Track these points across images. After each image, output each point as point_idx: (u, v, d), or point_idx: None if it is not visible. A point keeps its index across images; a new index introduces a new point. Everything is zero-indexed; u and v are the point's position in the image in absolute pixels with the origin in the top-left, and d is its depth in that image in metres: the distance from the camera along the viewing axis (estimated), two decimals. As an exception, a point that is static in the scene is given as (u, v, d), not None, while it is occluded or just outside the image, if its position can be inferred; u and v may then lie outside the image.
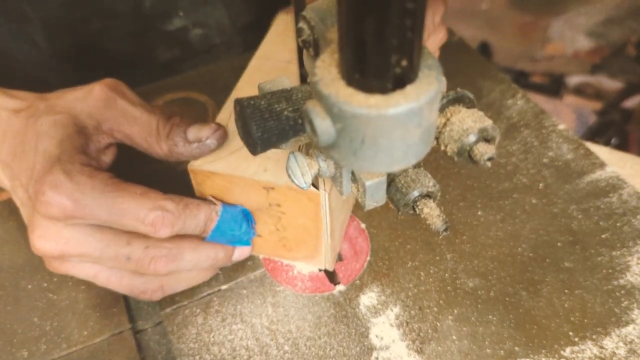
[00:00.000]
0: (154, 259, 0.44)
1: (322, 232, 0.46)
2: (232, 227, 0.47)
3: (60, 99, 0.47)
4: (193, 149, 0.46)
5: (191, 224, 0.44)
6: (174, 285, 0.47)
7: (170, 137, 0.46)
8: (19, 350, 0.47)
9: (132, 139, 0.47)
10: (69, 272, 0.45)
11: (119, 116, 0.46)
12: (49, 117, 0.45)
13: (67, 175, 0.41)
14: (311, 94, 0.33)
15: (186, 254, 0.45)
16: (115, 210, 0.41)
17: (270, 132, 0.31)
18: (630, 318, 0.46)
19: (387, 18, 0.23)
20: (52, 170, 0.41)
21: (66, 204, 0.40)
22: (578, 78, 1.53)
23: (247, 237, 0.48)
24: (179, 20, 0.74)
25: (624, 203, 0.55)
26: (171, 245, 0.44)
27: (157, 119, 0.46)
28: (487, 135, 0.30)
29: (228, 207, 0.47)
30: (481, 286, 0.49)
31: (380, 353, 0.46)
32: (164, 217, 0.42)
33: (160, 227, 0.42)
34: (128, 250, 0.43)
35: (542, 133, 0.62)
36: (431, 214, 0.33)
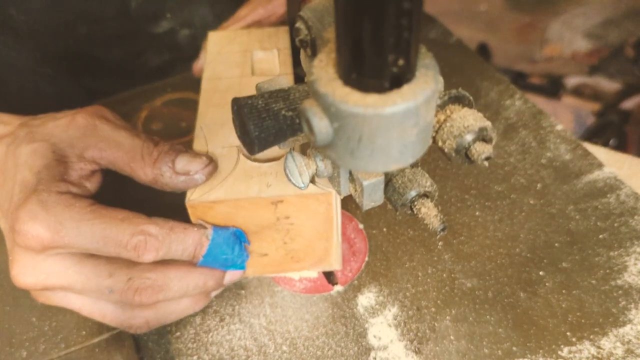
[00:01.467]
0: (138, 290, 0.42)
1: (334, 232, 0.46)
2: (224, 251, 0.44)
3: (41, 127, 0.45)
4: (179, 181, 0.44)
5: (178, 249, 0.42)
6: (162, 317, 0.45)
7: (156, 165, 0.43)
8: (18, 350, 0.47)
9: (116, 164, 0.45)
10: (54, 303, 0.43)
11: (101, 142, 0.44)
12: (28, 146, 0.43)
13: (43, 206, 0.39)
14: (308, 93, 0.33)
15: (173, 283, 0.43)
16: (95, 238, 0.40)
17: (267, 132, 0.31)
18: (627, 318, 0.46)
19: (384, 18, 0.23)
20: (28, 200, 0.40)
21: (43, 234, 0.39)
22: (576, 79, 1.53)
23: (240, 259, 0.46)
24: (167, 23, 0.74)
25: (621, 203, 0.55)
26: (156, 274, 0.42)
27: (142, 144, 0.44)
28: (486, 134, 0.30)
29: (219, 229, 0.44)
30: (479, 286, 0.49)
31: (378, 353, 0.46)
32: (147, 242, 0.40)
33: (144, 252, 0.40)
34: (110, 282, 0.41)
35: (540, 133, 0.62)
36: (429, 214, 0.33)
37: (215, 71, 0.54)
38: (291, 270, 0.50)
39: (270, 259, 0.48)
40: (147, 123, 0.66)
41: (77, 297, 0.43)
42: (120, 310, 0.44)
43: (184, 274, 0.43)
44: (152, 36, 0.74)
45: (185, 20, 0.75)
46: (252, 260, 0.48)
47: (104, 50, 0.73)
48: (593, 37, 1.61)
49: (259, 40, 0.58)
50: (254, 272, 0.50)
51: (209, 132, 0.48)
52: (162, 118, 0.67)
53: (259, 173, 0.44)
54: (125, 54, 0.75)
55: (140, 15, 0.71)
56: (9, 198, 0.42)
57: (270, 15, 0.67)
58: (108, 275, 0.41)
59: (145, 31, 0.73)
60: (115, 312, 0.44)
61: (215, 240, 0.44)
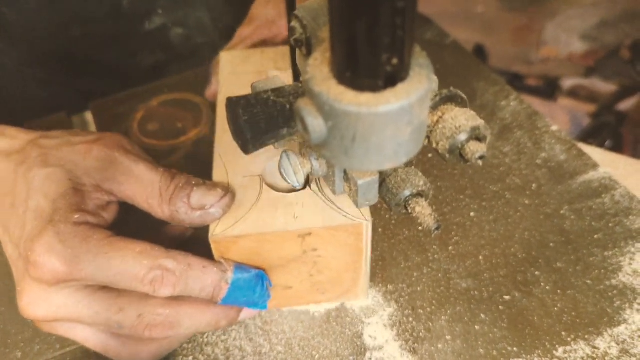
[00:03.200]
0: (148, 326, 0.41)
1: (363, 263, 0.44)
2: (245, 294, 0.43)
3: (56, 150, 0.43)
4: (195, 217, 0.42)
5: (195, 287, 0.40)
6: (167, 349, 0.44)
7: (172, 201, 0.42)
8: (13, 351, 0.47)
9: (134, 199, 0.43)
10: (59, 334, 0.42)
11: (119, 175, 0.43)
12: (42, 170, 0.42)
13: (60, 238, 0.38)
14: (299, 88, 0.33)
15: (184, 321, 0.42)
16: (112, 272, 0.38)
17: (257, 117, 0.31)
18: (622, 318, 0.47)
19: (378, 17, 0.23)
20: (44, 232, 0.38)
21: (59, 268, 0.38)
22: (572, 81, 1.54)
23: (262, 300, 0.44)
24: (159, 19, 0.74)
25: (616, 204, 0.55)
26: (169, 311, 0.41)
27: (159, 178, 0.43)
28: (479, 133, 0.30)
29: (241, 271, 0.43)
30: (474, 287, 0.49)
31: (374, 353, 0.46)
32: (164, 277, 0.39)
33: (160, 287, 0.39)
34: (120, 317, 0.40)
35: (535, 134, 0.62)
36: (423, 213, 0.33)
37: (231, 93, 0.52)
38: (315, 302, 0.49)
39: (294, 292, 0.47)
40: (143, 123, 0.66)
41: (83, 330, 0.42)
42: (127, 345, 0.43)
43: (196, 313, 0.42)
44: (144, 35, 0.74)
45: (178, 19, 0.75)
46: (275, 293, 0.46)
47: (98, 51, 0.73)
48: (589, 39, 1.62)
49: (274, 60, 0.56)
50: (277, 305, 0.49)
51: (228, 161, 0.46)
52: (158, 118, 0.66)
53: (285, 204, 0.42)
54: (119, 54, 0.74)
55: (132, 13, 0.71)
56: (21, 225, 0.40)
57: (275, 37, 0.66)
58: (118, 310, 0.40)
59: (137, 30, 0.73)
60: (119, 347, 0.43)
61: (236, 284, 0.42)
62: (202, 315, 0.42)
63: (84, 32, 0.71)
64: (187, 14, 0.75)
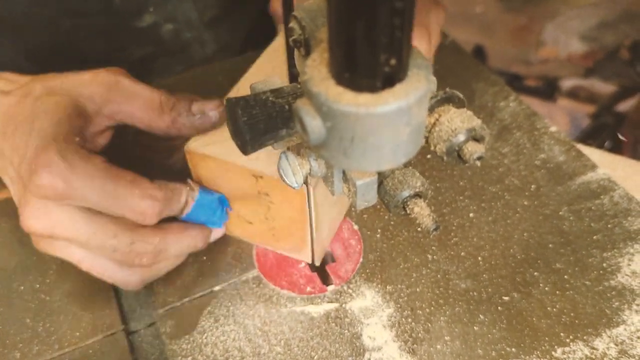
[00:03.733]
0: (139, 254, 0.44)
1: (306, 226, 0.47)
2: (206, 213, 0.48)
3: (60, 81, 0.46)
4: (195, 119, 0.47)
5: (174, 209, 0.46)
6: (156, 274, 0.48)
7: (174, 109, 0.47)
8: (12, 351, 0.47)
9: (134, 115, 0.47)
10: (56, 253, 0.45)
11: (121, 96, 0.46)
12: (50, 98, 0.45)
13: (62, 156, 0.41)
14: (298, 89, 0.33)
15: (170, 247, 0.46)
16: (106, 196, 0.41)
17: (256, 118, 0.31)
18: (621, 319, 0.47)
19: (376, 17, 0.23)
20: (47, 149, 0.41)
21: (59, 184, 0.40)
22: (572, 81, 1.54)
23: (220, 221, 0.50)
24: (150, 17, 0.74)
25: (615, 205, 0.55)
26: (157, 239, 0.45)
27: (159, 95, 0.47)
28: (475, 134, 0.30)
29: (205, 193, 0.48)
30: (473, 287, 0.49)
31: (373, 354, 0.46)
32: (154, 207, 0.43)
33: (149, 217, 0.43)
34: (115, 242, 0.43)
35: (534, 135, 0.62)
36: (421, 214, 0.33)
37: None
38: (272, 248, 0.52)
39: (254, 229, 0.51)
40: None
41: (79, 250, 0.45)
42: (118, 268, 0.46)
43: (179, 238, 0.46)
44: (135, 31, 0.74)
45: (168, 15, 0.75)
46: (240, 223, 0.51)
47: (88, 44, 0.73)
48: (588, 40, 1.62)
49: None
50: (241, 235, 0.53)
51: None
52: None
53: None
54: (109, 48, 0.75)
55: (123, 10, 0.72)
56: (23, 146, 0.43)
57: None
58: (113, 236, 0.43)
59: (128, 26, 0.73)
60: (114, 269, 0.46)
61: (200, 202, 0.47)
62: (184, 240, 0.47)
63: (73, 26, 0.71)
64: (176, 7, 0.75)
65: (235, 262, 0.53)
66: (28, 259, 0.54)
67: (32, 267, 0.53)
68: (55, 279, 0.52)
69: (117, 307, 0.50)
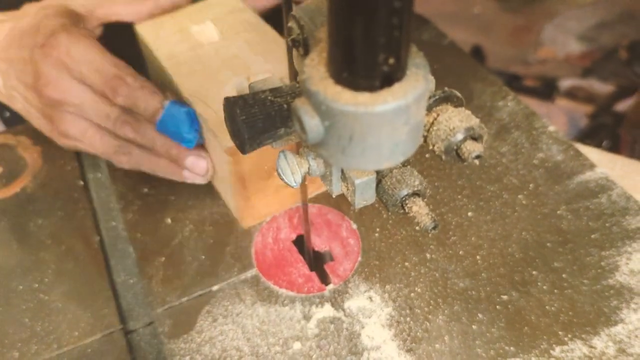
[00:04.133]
0: (124, 122, 0.53)
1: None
2: (175, 125, 0.52)
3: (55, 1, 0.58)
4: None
5: (141, 104, 0.52)
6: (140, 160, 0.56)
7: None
8: (10, 351, 0.47)
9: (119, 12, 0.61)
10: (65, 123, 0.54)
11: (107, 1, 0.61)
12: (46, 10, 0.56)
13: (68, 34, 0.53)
14: (297, 88, 0.33)
15: (147, 133, 0.54)
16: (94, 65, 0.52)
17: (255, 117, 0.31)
18: (619, 317, 0.47)
19: (375, 17, 0.23)
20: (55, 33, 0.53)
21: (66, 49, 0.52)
22: (570, 81, 1.54)
23: (189, 137, 0.53)
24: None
25: (613, 204, 0.55)
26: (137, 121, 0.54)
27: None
28: (474, 133, 0.30)
29: (176, 105, 0.52)
30: (472, 286, 0.50)
31: (372, 353, 0.46)
32: (119, 87, 0.52)
33: (115, 94, 0.52)
34: (109, 110, 0.53)
35: (532, 134, 0.62)
36: (420, 212, 0.33)
37: (169, 51, 0.59)
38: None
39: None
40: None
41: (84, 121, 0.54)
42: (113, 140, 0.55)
43: (156, 134, 0.54)
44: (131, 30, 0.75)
45: None
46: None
47: None
48: (586, 40, 1.62)
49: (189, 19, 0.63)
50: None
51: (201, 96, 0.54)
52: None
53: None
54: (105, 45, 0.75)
55: None
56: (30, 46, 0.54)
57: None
58: (110, 105, 0.53)
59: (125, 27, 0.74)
60: (110, 138, 0.55)
61: (170, 111, 0.52)
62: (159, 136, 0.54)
63: None
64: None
65: (233, 261, 0.53)
66: (27, 259, 0.54)
67: (30, 267, 0.53)
68: (54, 278, 0.52)
69: (115, 307, 0.50)
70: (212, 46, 0.59)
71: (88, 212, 0.58)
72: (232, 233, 0.55)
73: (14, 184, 0.61)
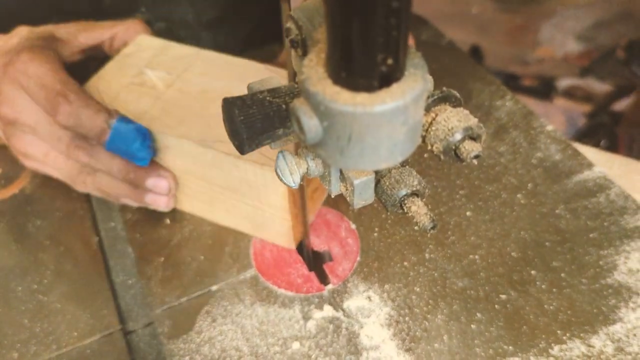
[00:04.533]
0: (77, 147, 0.51)
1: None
2: (125, 143, 0.50)
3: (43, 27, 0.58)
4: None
5: (86, 124, 0.50)
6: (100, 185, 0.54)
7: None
8: (9, 352, 0.47)
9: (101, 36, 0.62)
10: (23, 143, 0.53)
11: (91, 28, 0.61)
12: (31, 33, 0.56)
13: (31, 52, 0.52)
14: (295, 88, 0.33)
15: (102, 157, 0.52)
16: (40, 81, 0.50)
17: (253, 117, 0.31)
18: (617, 316, 0.47)
19: (373, 17, 0.23)
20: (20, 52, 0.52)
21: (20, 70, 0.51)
22: (568, 81, 1.54)
23: (141, 154, 0.50)
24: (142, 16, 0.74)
25: (611, 203, 0.55)
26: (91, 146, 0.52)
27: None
28: (472, 133, 0.30)
29: (124, 122, 0.50)
30: (470, 286, 0.50)
31: (371, 353, 0.46)
32: (61, 105, 0.49)
33: (57, 112, 0.50)
34: (62, 133, 0.51)
35: (530, 134, 0.63)
36: (418, 212, 0.33)
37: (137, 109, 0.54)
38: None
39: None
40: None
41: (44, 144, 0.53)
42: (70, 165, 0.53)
43: (111, 157, 0.52)
44: None
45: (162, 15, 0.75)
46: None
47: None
48: (584, 39, 1.62)
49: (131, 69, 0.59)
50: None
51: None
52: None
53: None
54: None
55: (114, 10, 0.72)
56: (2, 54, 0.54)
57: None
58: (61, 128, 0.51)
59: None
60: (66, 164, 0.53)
61: (118, 130, 0.50)
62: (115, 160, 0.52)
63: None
64: (171, 9, 0.76)
65: (232, 261, 0.53)
66: (25, 260, 0.54)
67: (29, 268, 0.53)
68: (53, 279, 0.52)
69: (114, 307, 0.50)
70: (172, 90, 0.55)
71: (87, 213, 0.58)
72: (231, 233, 0.55)
73: (12, 185, 0.62)
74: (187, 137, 0.50)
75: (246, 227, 0.54)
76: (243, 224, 0.54)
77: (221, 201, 0.53)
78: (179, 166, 0.53)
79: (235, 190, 0.51)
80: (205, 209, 0.56)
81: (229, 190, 0.52)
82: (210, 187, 0.53)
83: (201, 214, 0.57)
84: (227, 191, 0.52)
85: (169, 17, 0.76)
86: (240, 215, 0.53)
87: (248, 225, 0.54)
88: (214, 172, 0.51)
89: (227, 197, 0.53)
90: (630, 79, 1.50)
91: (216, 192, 0.53)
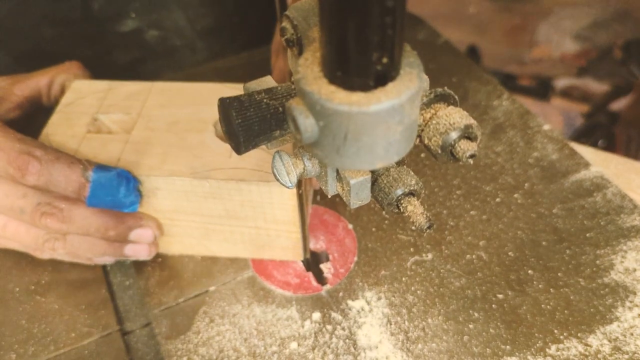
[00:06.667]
0: (44, 214, 0.46)
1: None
2: (109, 193, 0.46)
3: None
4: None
5: (60, 180, 0.45)
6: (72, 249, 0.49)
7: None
8: (7, 352, 0.47)
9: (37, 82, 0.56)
10: None
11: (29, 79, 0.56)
12: None
13: None
14: (292, 89, 0.33)
15: (77, 219, 0.47)
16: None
17: (250, 120, 0.31)
18: (614, 316, 0.47)
19: (368, 16, 0.24)
20: None
21: None
22: (565, 81, 1.54)
23: (129, 200, 0.47)
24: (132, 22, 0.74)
25: (608, 202, 0.55)
26: (63, 205, 0.46)
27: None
28: (471, 132, 0.30)
29: (101, 170, 0.45)
30: (467, 285, 0.50)
31: (368, 353, 0.46)
32: (29, 163, 0.44)
33: (25, 172, 0.44)
34: (22, 202, 0.46)
35: (527, 133, 0.63)
36: (415, 212, 0.33)
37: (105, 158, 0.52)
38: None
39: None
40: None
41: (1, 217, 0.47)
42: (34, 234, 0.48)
43: (89, 214, 0.47)
44: (118, 35, 0.75)
45: (153, 22, 0.75)
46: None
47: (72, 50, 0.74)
48: (581, 39, 1.62)
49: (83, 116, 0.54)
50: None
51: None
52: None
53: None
54: (94, 53, 0.75)
55: (103, 16, 0.72)
56: None
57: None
58: (22, 196, 0.46)
59: (110, 31, 0.74)
60: (29, 234, 0.48)
61: (98, 182, 0.45)
62: (93, 217, 0.47)
63: (56, 33, 0.72)
64: (162, 16, 0.75)
65: (230, 262, 0.53)
66: (23, 260, 0.54)
67: (27, 269, 0.53)
68: (51, 280, 0.52)
69: (112, 308, 0.50)
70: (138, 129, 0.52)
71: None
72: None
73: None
74: (177, 174, 0.47)
75: (246, 252, 0.53)
76: (242, 249, 0.52)
77: (217, 232, 0.51)
78: (167, 207, 0.50)
79: (235, 217, 0.49)
80: (196, 244, 0.53)
81: (227, 218, 0.49)
82: (203, 221, 0.50)
83: (191, 252, 0.54)
84: (224, 220, 0.50)
85: (160, 24, 0.76)
86: (239, 241, 0.51)
87: (248, 250, 0.52)
88: (210, 203, 0.48)
89: (224, 226, 0.50)
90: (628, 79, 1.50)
91: (211, 224, 0.50)
